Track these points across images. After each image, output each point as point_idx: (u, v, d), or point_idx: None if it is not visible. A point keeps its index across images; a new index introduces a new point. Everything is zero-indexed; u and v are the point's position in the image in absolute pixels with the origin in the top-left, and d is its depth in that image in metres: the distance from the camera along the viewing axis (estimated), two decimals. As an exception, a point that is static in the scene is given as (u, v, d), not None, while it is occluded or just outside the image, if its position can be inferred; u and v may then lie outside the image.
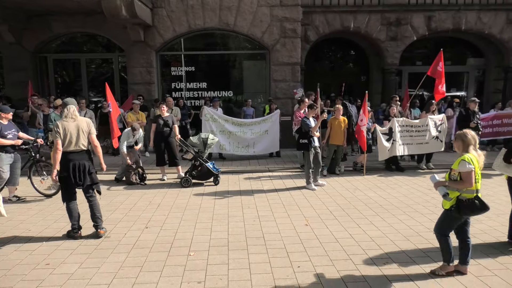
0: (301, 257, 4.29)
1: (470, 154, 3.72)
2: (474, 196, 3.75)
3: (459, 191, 3.73)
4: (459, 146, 3.81)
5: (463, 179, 3.67)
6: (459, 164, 3.69)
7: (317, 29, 12.13)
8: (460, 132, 3.84)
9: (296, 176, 8.29)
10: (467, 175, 3.64)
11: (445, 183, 3.79)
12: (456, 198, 3.74)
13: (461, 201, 3.72)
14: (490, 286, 3.65)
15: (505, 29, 12.27)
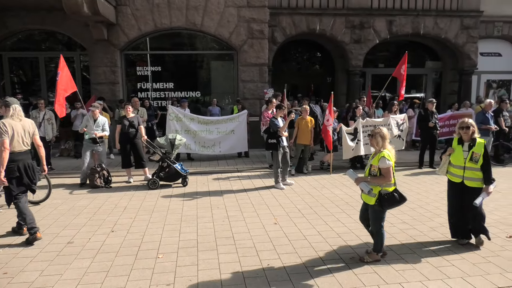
0: (270, 255, 4.33)
1: (387, 150, 3.96)
2: (393, 189, 4.01)
3: (380, 186, 3.94)
4: (378, 143, 3.97)
5: (384, 174, 3.89)
6: (379, 160, 3.89)
7: (284, 30, 12.29)
8: (377, 129, 4.04)
9: (265, 176, 8.36)
10: (387, 171, 3.88)
11: (366, 179, 3.98)
12: (378, 192, 3.93)
13: (382, 195, 3.93)
14: (448, 276, 3.86)
15: (459, 35, 13.01)
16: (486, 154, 4.42)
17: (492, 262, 4.15)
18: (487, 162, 4.41)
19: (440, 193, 6.97)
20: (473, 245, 4.60)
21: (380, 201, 3.93)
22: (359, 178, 4.04)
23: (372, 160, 4.01)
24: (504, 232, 5.01)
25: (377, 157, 3.95)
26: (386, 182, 3.92)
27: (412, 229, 5.16)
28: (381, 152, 3.94)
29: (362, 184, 3.98)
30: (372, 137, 4.03)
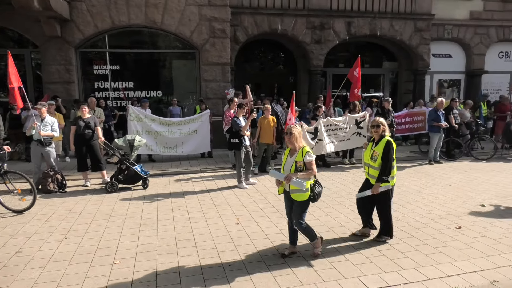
0: (232, 256, 4.30)
1: (305, 145, 4.14)
2: (315, 180, 4.21)
3: (310, 179, 4.07)
4: (297, 139, 4.06)
5: (310, 168, 4.03)
6: (305, 155, 4.02)
7: (246, 30, 12.28)
8: (294, 128, 4.10)
9: (228, 176, 8.31)
10: (312, 163, 4.04)
11: (296, 175, 3.99)
12: (310, 186, 4.05)
13: (312, 187, 4.08)
14: (403, 267, 4.01)
15: (413, 36, 13.62)
16: (386, 154, 4.44)
17: (443, 252, 4.37)
18: (385, 162, 4.44)
19: (397, 188, 7.14)
20: (425, 236, 4.82)
21: (314, 193, 4.06)
22: (290, 175, 4.00)
23: (296, 156, 4.06)
24: (454, 223, 5.29)
25: (300, 153, 4.04)
26: (314, 174, 4.06)
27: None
28: (304, 148, 4.06)
29: (295, 181, 3.96)
30: (291, 135, 4.05)
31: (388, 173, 4.49)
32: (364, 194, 4.64)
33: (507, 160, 10.06)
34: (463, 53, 15.16)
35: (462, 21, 14.47)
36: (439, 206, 6.12)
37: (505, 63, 15.71)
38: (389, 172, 4.49)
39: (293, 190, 4.06)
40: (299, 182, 3.94)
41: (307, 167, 4.03)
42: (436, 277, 3.78)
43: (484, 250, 4.41)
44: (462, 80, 15.48)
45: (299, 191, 4.02)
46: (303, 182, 3.95)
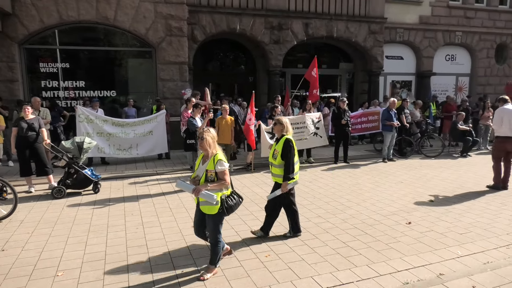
0: (185, 261, 4.15)
1: (219, 152, 3.73)
2: (231, 191, 3.87)
3: (221, 191, 3.70)
4: (210, 145, 3.65)
5: (222, 178, 3.65)
6: (216, 163, 3.61)
7: (204, 29, 12.09)
8: (207, 133, 3.68)
9: (186, 178, 8.08)
10: (225, 173, 3.66)
11: (206, 186, 3.59)
12: (221, 198, 3.68)
13: (225, 200, 3.72)
14: (356, 264, 4.08)
15: (367, 39, 14.09)
16: (286, 153, 4.48)
17: (394, 248, 4.50)
18: (287, 159, 4.47)
19: (353, 186, 7.44)
20: (377, 233, 4.94)
21: (225, 207, 3.71)
22: (199, 187, 3.59)
23: (207, 164, 3.66)
24: (405, 219, 5.48)
25: (211, 161, 3.63)
26: (227, 184, 3.71)
27: (326, 223, 5.38)
28: (216, 155, 3.65)
29: (205, 194, 3.56)
30: (202, 140, 3.64)
31: (292, 170, 4.53)
32: (274, 194, 4.63)
33: (454, 157, 10.67)
34: (413, 56, 15.93)
35: (412, 25, 15.19)
36: (391, 202, 6.33)
37: (451, 66, 16.71)
38: (293, 169, 4.54)
39: (202, 203, 3.69)
40: (208, 195, 3.55)
41: (219, 177, 3.64)
42: (387, 273, 3.87)
43: (432, 244, 4.59)
44: (413, 81, 16.27)
45: (208, 204, 3.64)
46: (213, 194, 3.55)
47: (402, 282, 3.68)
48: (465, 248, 4.48)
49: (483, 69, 16.78)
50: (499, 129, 7.12)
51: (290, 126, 4.69)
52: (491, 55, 16.83)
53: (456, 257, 4.24)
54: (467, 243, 4.61)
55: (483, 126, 11.69)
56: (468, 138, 10.68)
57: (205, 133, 3.68)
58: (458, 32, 15.97)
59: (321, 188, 7.29)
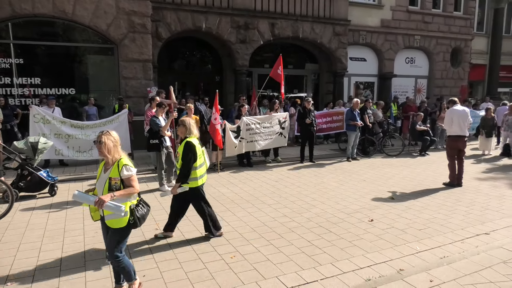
0: (147, 265, 4.02)
1: (123, 156, 3.28)
2: (139, 199, 3.46)
3: (130, 200, 3.28)
4: (110, 150, 3.18)
5: (129, 184, 3.23)
6: (121, 169, 3.18)
7: (168, 26, 11.82)
8: (106, 135, 3.19)
9: (150, 179, 7.89)
10: (133, 179, 3.26)
11: (111, 196, 3.11)
12: (130, 208, 3.26)
13: (134, 210, 3.30)
14: (320, 263, 4.12)
15: (332, 40, 14.39)
16: (184, 156, 4.40)
17: (357, 245, 4.59)
18: (184, 162, 4.40)
19: (318, 185, 7.55)
20: (341, 231, 5.03)
21: (136, 217, 3.28)
22: (102, 198, 3.07)
23: (110, 172, 3.20)
24: (367, 217, 5.62)
25: (115, 167, 3.19)
26: (136, 191, 3.29)
27: (291, 222, 5.41)
28: (120, 160, 3.22)
29: (110, 206, 3.10)
30: (100, 144, 3.16)
31: (187, 175, 4.41)
32: (166, 194, 4.49)
33: (413, 155, 11.12)
34: (376, 58, 16.47)
35: (374, 28, 15.69)
36: (355, 201, 6.48)
37: (411, 68, 17.44)
38: (187, 174, 4.42)
39: (108, 216, 3.19)
40: (115, 206, 3.11)
41: (126, 183, 3.20)
42: (350, 270, 3.94)
43: (392, 241, 4.74)
44: (375, 83, 16.81)
45: (115, 216, 3.17)
46: (120, 205, 3.13)
47: (365, 278, 3.76)
48: (423, 243, 4.66)
49: (440, 71, 17.65)
50: (450, 128, 7.52)
51: (194, 129, 4.56)
52: (447, 58, 17.73)
53: (415, 252, 4.40)
54: (425, 239, 4.80)
55: (440, 126, 12.27)
56: (426, 137, 11.18)
57: (104, 136, 3.16)
58: (416, 36, 16.69)
59: (287, 187, 7.34)
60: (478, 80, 19.98)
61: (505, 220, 5.49)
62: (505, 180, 8.06)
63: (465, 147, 7.55)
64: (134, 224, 3.30)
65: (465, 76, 18.39)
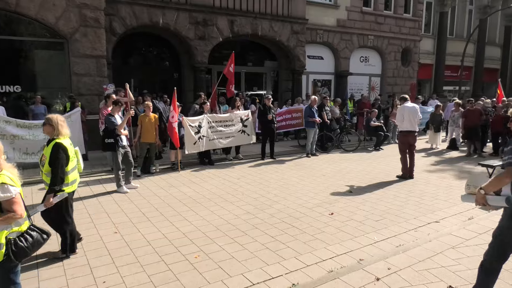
0: (107, 271, 3.85)
1: (6, 170, 2.64)
2: (28, 226, 2.77)
3: (7, 229, 2.59)
4: None
5: (9, 208, 2.55)
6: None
7: (123, 21, 11.37)
8: None
9: (106, 180, 7.56)
10: (14, 201, 2.56)
11: None
12: (6, 239, 2.58)
13: (13, 242, 2.60)
14: (284, 257, 4.17)
15: (290, 38, 14.61)
16: (54, 160, 3.80)
17: (319, 239, 4.71)
18: (54, 168, 3.81)
19: (279, 181, 7.64)
20: (303, 225, 5.14)
21: (12, 251, 2.58)
22: None
23: None
24: (328, 210, 5.78)
25: None
26: (17, 218, 2.59)
27: (255, 218, 5.44)
28: None
29: None
30: None
31: (60, 181, 3.86)
32: (36, 211, 3.75)
33: (368, 150, 11.61)
34: (332, 56, 16.96)
35: (331, 27, 16.14)
36: (315, 195, 6.64)
37: (365, 67, 18.16)
38: (61, 179, 3.87)
39: None
40: None
41: (4, 207, 2.55)
42: (313, 263, 4.03)
43: (352, 232, 4.91)
44: (332, 80, 17.32)
45: None
46: None
47: (327, 270, 3.87)
48: (380, 233, 4.88)
49: (392, 70, 18.55)
50: (402, 124, 7.96)
51: (64, 129, 3.95)
52: (398, 58, 18.67)
53: (373, 242, 4.59)
54: (382, 229, 5.03)
55: (392, 122, 12.89)
56: (380, 133, 11.71)
57: None
58: (370, 36, 17.40)
59: (249, 184, 7.37)
60: (426, 79, 21.24)
61: (452, 208, 5.89)
62: (452, 171, 8.65)
63: (415, 141, 8.01)
64: (9, 260, 2.56)
65: (414, 75, 19.48)
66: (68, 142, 4.08)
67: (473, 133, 10.72)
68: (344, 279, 3.62)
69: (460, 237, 4.63)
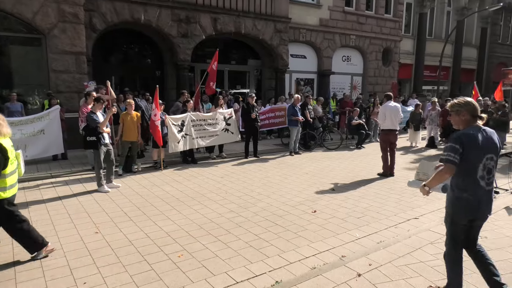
0: (88, 271, 3.78)
1: None
2: None
3: None
4: None
5: None
6: None
7: (104, 17, 11.14)
8: None
9: (87, 180, 7.41)
10: None
11: None
12: None
13: None
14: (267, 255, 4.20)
15: (274, 37, 14.65)
16: None
17: (302, 236, 4.76)
18: None
19: (263, 179, 7.67)
20: (287, 223, 5.17)
21: None
22: None
23: None
24: (310, 208, 5.84)
25: None
26: None
27: (238, 217, 5.44)
28: None
29: None
30: None
31: None
32: None
33: (350, 149, 11.78)
34: (315, 55, 17.11)
35: (313, 26, 16.27)
36: (298, 193, 6.69)
37: (347, 66, 18.39)
38: None
39: None
40: None
41: None
42: (296, 260, 4.07)
43: (334, 230, 4.98)
44: (315, 79, 17.47)
45: None
46: None
47: (310, 267, 3.91)
48: (362, 230, 4.96)
49: (373, 70, 18.86)
50: (383, 123, 8.11)
51: (4, 128, 3.76)
52: (379, 57, 19.00)
53: (355, 239, 4.67)
54: (364, 226, 5.12)
55: (374, 121, 13.13)
56: (362, 131, 11.89)
57: None
58: (352, 36, 17.63)
59: (232, 182, 7.36)
60: (406, 78, 21.70)
61: (431, 205, 6.05)
62: (430, 169, 8.86)
63: (396, 140, 8.17)
64: None
65: (395, 74, 19.87)
66: (9, 143, 3.83)
67: (450, 131, 11.02)
68: (327, 276, 3.67)
69: (438, 232, 4.76)
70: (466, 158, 2.92)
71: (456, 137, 2.95)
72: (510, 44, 26.67)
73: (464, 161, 2.92)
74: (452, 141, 2.96)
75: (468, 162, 2.93)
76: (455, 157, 2.90)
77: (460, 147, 2.90)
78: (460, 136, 2.95)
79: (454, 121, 3.14)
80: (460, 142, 2.91)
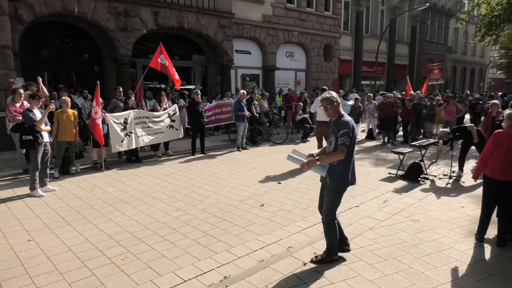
0: (19, 283, 3.49)
1: None
2: None
3: None
4: None
5: None
6: None
7: (31, 8, 10.24)
8: None
9: (17, 184, 6.81)
10: None
11: None
12: None
13: None
14: (216, 251, 4.17)
15: (218, 32, 14.52)
16: None
17: (250, 230, 4.80)
18: None
19: (210, 175, 7.61)
20: (235, 218, 5.19)
21: None
22: None
23: None
24: (258, 202, 5.91)
25: None
26: None
27: (186, 215, 5.35)
28: None
29: None
30: None
31: None
32: None
33: (296, 142, 12.10)
34: (259, 51, 17.26)
35: (257, 22, 16.39)
36: (246, 188, 6.74)
37: (291, 62, 18.82)
38: None
39: None
40: None
41: None
42: (244, 255, 4.10)
43: (281, 222, 5.09)
44: (260, 75, 17.65)
45: None
46: None
47: (258, 260, 3.96)
48: (307, 221, 5.13)
49: (315, 65, 19.50)
50: (319, 115, 8.46)
51: None
52: (321, 53, 19.68)
53: (301, 230, 4.82)
54: (309, 217, 5.29)
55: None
56: (306, 125, 12.27)
57: None
58: (294, 32, 18.05)
59: (179, 180, 7.21)
60: (347, 74, 22.75)
61: (370, 193, 6.43)
62: (369, 159, 9.42)
63: (329, 131, 8.54)
64: None
65: (336, 70, 20.72)
66: None
67: (387, 123, 11.77)
68: (274, 267, 3.75)
69: (376, 219, 5.08)
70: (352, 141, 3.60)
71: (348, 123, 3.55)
72: (437, 42, 29.05)
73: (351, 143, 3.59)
74: (346, 127, 3.51)
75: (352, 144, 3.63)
76: (348, 140, 3.54)
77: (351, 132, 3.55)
78: (349, 122, 3.57)
79: (329, 114, 3.69)
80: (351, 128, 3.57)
